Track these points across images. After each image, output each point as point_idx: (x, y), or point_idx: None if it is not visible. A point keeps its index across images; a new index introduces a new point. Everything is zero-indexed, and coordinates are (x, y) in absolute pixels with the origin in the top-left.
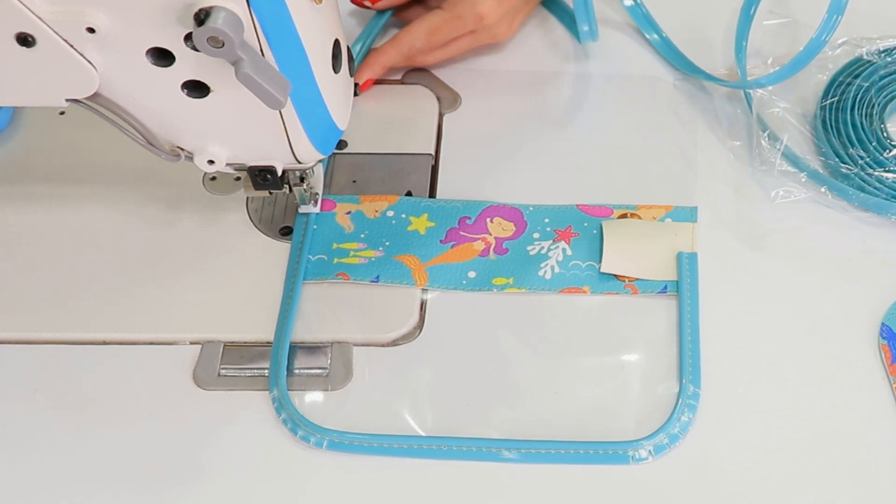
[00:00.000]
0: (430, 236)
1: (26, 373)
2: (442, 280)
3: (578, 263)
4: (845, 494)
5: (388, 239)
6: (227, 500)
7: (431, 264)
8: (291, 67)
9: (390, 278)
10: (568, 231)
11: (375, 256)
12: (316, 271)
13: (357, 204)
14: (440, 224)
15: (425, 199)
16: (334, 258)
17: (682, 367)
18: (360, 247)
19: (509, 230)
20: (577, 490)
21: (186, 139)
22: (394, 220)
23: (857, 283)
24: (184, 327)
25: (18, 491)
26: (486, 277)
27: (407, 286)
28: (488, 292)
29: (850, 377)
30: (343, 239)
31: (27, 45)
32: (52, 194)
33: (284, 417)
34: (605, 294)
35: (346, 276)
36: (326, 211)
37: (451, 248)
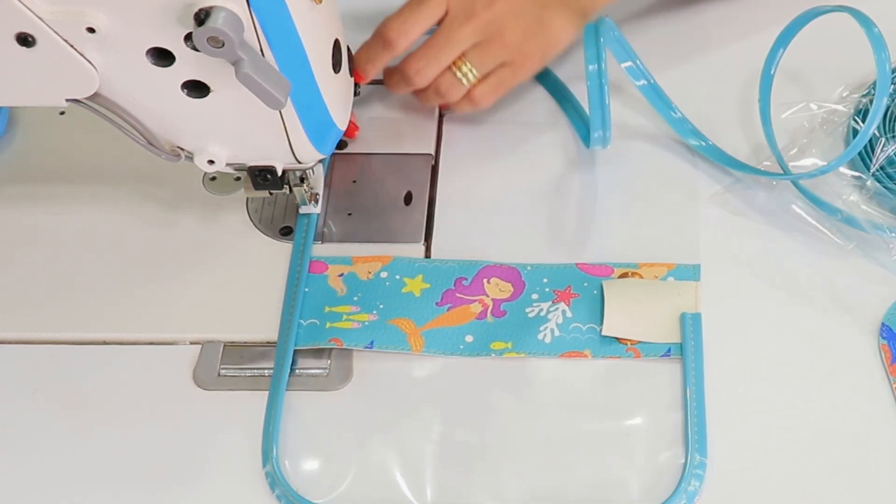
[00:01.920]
0: (426, 299)
1: (26, 373)
2: (438, 345)
3: (579, 326)
4: (845, 494)
5: (382, 301)
6: (227, 500)
7: (427, 328)
8: (291, 67)
9: (385, 344)
10: (567, 291)
11: (369, 320)
12: (308, 337)
13: (349, 265)
14: (435, 285)
15: (420, 259)
16: (326, 322)
17: (687, 436)
18: (354, 310)
19: (507, 291)
20: None
21: (186, 139)
22: (388, 282)
23: (857, 283)
24: (184, 327)
25: (18, 491)
26: (484, 342)
27: (403, 352)
28: (487, 359)
29: (850, 377)
30: (335, 302)
31: (27, 45)
32: (52, 194)
33: (278, 493)
34: (606, 358)
35: (339, 342)
36: (318, 273)
37: (447, 310)
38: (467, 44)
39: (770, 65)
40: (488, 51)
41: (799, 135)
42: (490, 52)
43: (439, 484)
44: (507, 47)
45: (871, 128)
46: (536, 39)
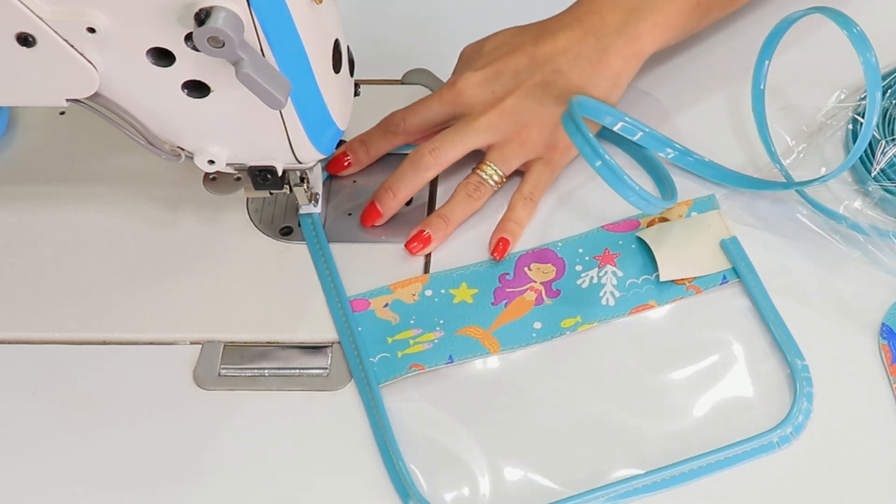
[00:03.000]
0: (480, 302)
1: (26, 373)
2: (512, 340)
3: (634, 281)
4: (845, 494)
5: (440, 317)
6: (227, 500)
7: (495, 328)
8: (291, 67)
9: (462, 355)
10: (607, 254)
11: (437, 338)
12: (386, 372)
13: (390, 294)
14: (482, 288)
15: (455, 269)
16: (397, 352)
17: (780, 345)
18: (416, 333)
19: (550, 272)
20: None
21: (186, 139)
22: (436, 298)
23: (858, 284)
24: (184, 327)
25: (18, 491)
26: (554, 323)
27: (482, 356)
28: (563, 337)
29: (850, 377)
30: (394, 331)
31: (27, 45)
32: (52, 194)
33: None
34: (671, 302)
35: (420, 367)
36: (363, 311)
37: (505, 307)
38: (486, 139)
39: (759, 77)
40: (511, 150)
41: (798, 141)
42: (513, 151)
43: (582, 462)
44: (527, 146)
45: (871, 127)
46: (563, 136)
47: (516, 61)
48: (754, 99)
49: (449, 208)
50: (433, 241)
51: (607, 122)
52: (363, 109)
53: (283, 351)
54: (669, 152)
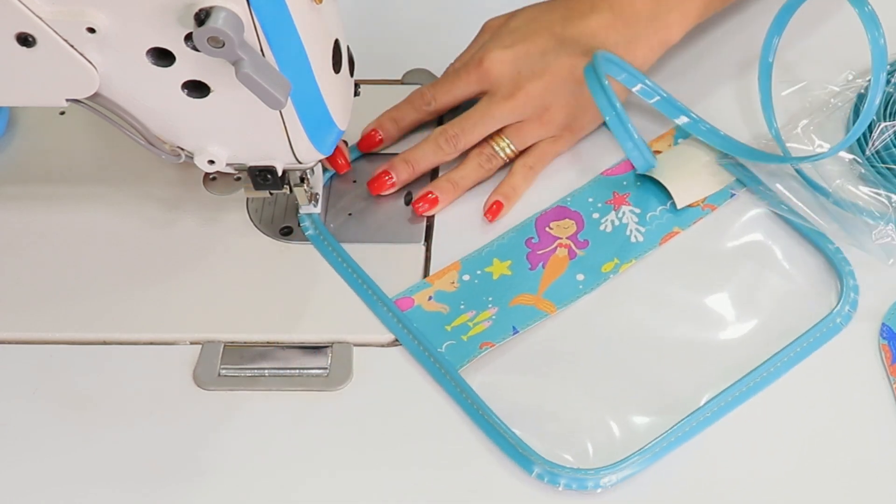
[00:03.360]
0: (519, 271)
1: (26, 373)
2: (563, 297)
3: (653, 214)
4: (845, 494)
5: (488, 295)
6: (227, 500)
7: (543, 290)
8: (291, 67)
9: (525, 323)
10: (617, 196)
11: (494, 314)
12: (459, 357)
13: (430, 287)
14: (515, 258)
15: (481, 248)
16: (461, 336)
17: (808, 235)
18: (472, 315)
19: (571, 226)
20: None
21: (186, 139)
22: (475, 280)
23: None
24: (184, 327)
25: (18, 490)
26: (595, 271)
27: (543, 320)
28: (608, 282)
29: (850, 377)
30: (449, 319)
31: (27, 45)
32: (52, 194)
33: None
34: (694, 224)
35: (490, 344)
36: (410, 308)
37: (543, 268)
38: (508, 121)
39: (767, 52)
40: (529, 129)
41: (801, 117)
42: (531, 130)
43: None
44: (547, 126)
45: (873, 107)
46: (582, 116)
47: (544, 42)
48: (761, 71)
49: (459, 174)
50: (440, 202)
51: (626, 80)
52: (363, 109)
53: (283, 351)
54: (684, 119)
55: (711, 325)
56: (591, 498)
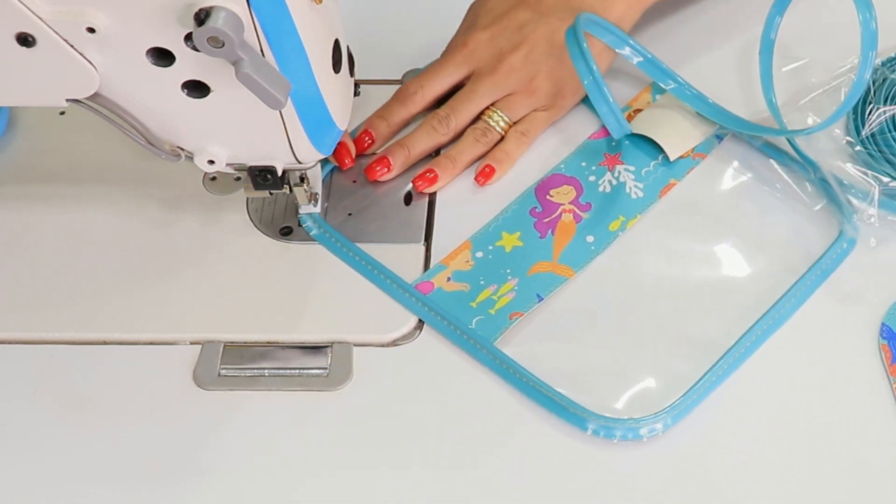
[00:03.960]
0: (529, 241)
1: (26, 373)
2: (578, 260)
3: (647, 169)
4: (845, 494)
5: (505, 268)
6: (227, 500)
7: (558, 256)
8: (291, 67)
9: (547, 289)
10: (608, 157)
11: (515, 285)
12: (491, 330)
13: (446, 269)
14: (523, 229)
15: (486, 225)
16: (488, 310)
17: (802, 163)
18: (494, 289)
19: (570, 192)
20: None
21: (186, 139)
22: (489, 256)
23: (858, 283)
24: (184, 327)
25: (18, 490)
26: (603, 231)
27: (564, 284)
28: (617, 240)
29: (850, 377)
30: (472, 296)
31: (27, 45)
32: (52, 194)
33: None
34: (686, 174)
35: (519, 314)
36: (430, 291)
37: (553, 235)
38: (495, 96)
39: (769, 29)
40: (518, 100)
41: (800, 95)
42: (521, 101)
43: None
44: (535, 95)
45: (861, 84)
46: (569, 82)
47: (520, 15)
48: (762, 47)
49: (456, 150)
50: (440, 179)
51: (612, 42)
52: (363, 109)
53: (282, 351)
54: (670, 83)
55: (725, 268)
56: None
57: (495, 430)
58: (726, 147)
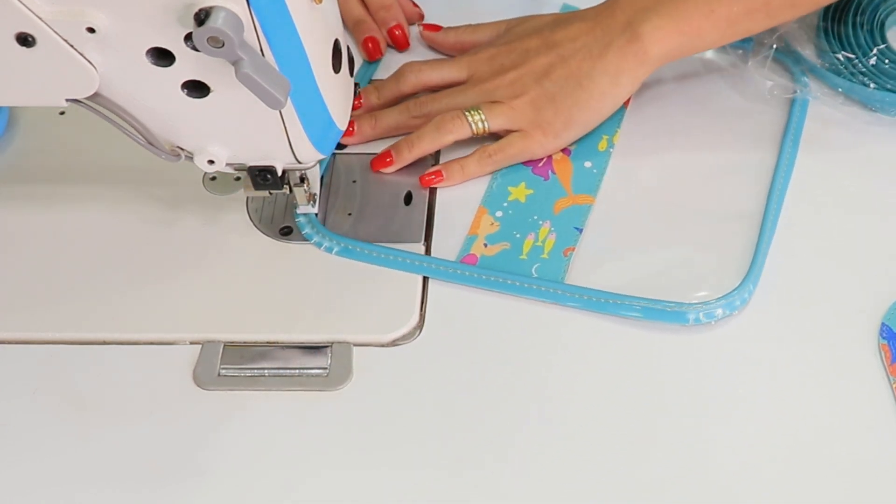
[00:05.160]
0: (538, 186)
1: (26, 373)
2: (590, 186)
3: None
4: (845, 494)
5: (531, 216)
6: (227, 500)
7: (571, 188)
8: (291, 67)
9: (580, 220)
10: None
11: (550, 227)
12: (556, 272)
13: (478, 238)
14: (525, 178)
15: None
16: (540, 256)
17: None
18: (533, 237)
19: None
20: None
21: (186, 139)
22: (510, 210)
23: (858, 283)
24: (184, 327)
25: (18, 490)
26: (595, 154)
27: (592, 210)
28: (613, 156)
29: (850, 377)
30: (518, 250)
31: (27, 45)
32: (52, 194)
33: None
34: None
35: (570, 248)
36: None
37: (554, 174)
38: (479, 100)
39: None
40: (500, 109)
41: None
42: (502, 111)
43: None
44: (515, 112)
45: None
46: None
47: (530, 42)
48: None
49: (417, 135)
50: (394, 163)
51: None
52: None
53: (282, 351)
54: None
55: (714, 144)
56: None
57: (496, 430)
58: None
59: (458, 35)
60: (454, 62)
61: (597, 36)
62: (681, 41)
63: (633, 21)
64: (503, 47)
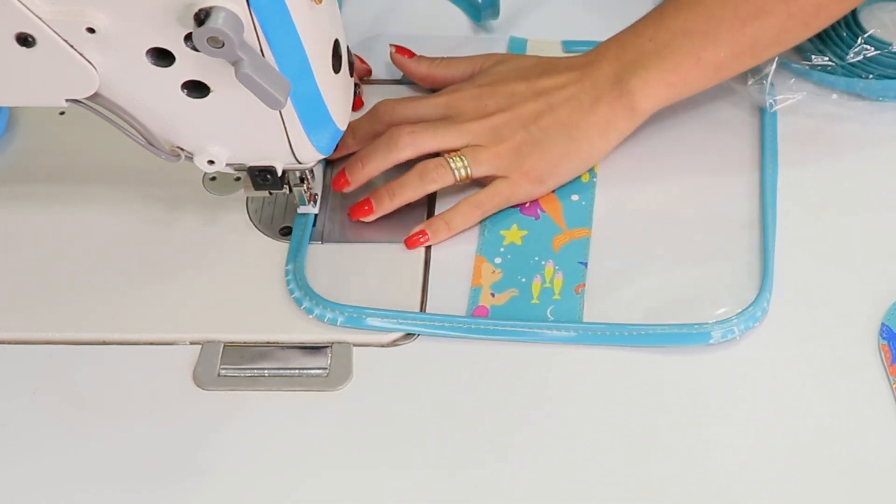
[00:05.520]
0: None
1: (26, 373)
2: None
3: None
4: (845, 494)
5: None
6: (227, 500)
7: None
8: (291, 67)
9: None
10: None
11: (553, 265)
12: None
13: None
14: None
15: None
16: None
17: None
18: (540, 279)
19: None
20: None
21: (186, 139)
22: (509, 255)
23: (857, 283)
24: (184, 327)
25: (18, 490)
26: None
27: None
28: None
29: (850, 377)
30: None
31: (27, 45)
32: (52, 194)
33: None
34: None
35: (581, 285)
36: (488, 314)
37: (545, 212)
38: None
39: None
40: (485, 154)
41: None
42: (487, 157)
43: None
44: (500, 159)
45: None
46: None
47: (516, 86)
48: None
49: (399, 183)
50: (374, 212)
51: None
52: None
53: (282, 351)
54: None
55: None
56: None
57: (496, 429)
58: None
59: (431, 67)
60: (432, 101)
61: (585, 87)
62: (669, 93)
63: (621, 75)
64: (487, 88)
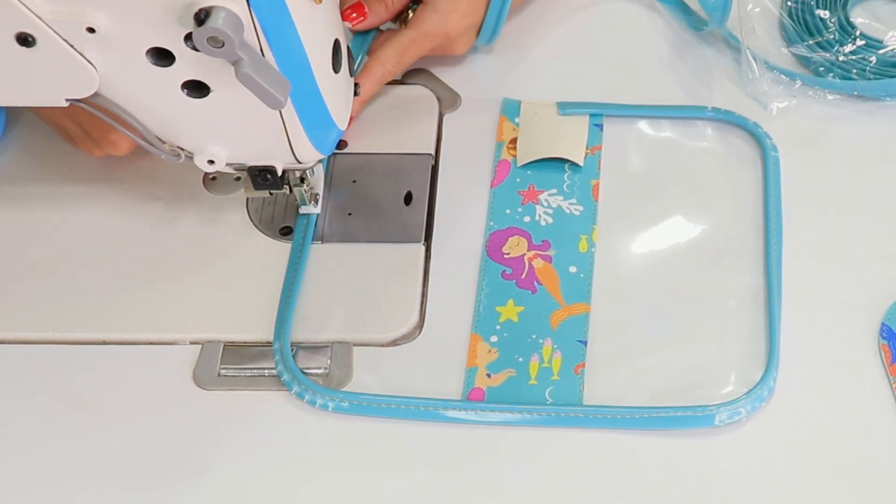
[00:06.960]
0: (528, 302)
1: (26, 373)
2: (580, 294)
3: (567, 183)
4: (845, 494)
5: (529, 335)
6: (227, 500)
7: (561, 299)
8: (291, 67)
9: (581, 332)
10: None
11: (551, 343)
12: (571, 394)
13: (478, 369)
14: (511, 295)
15: (475, 311)
16: (550, 378)
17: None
18: (537, 358)
19: (518, 241)
20: None
21: (186, 139)
22: (505, 334)
23: (857, 283)
24: (184, 327)
25: (18, 490)
26: (578, 257)
27: (590, 318)
28: (596, 255)
29: (850, 377)
30: (525, 375)
31: (27, 45)
32: (52, 194)
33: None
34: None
35: (581, 364)
36: (484, 399)
37: (541, 285)
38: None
39: None
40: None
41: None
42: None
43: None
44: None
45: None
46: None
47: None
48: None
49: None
50: (368, 18)
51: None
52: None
53: None
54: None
55: (697, 221)
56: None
57: (496, 429)
58: (610, 131)
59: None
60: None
61: None
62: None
63: None
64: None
